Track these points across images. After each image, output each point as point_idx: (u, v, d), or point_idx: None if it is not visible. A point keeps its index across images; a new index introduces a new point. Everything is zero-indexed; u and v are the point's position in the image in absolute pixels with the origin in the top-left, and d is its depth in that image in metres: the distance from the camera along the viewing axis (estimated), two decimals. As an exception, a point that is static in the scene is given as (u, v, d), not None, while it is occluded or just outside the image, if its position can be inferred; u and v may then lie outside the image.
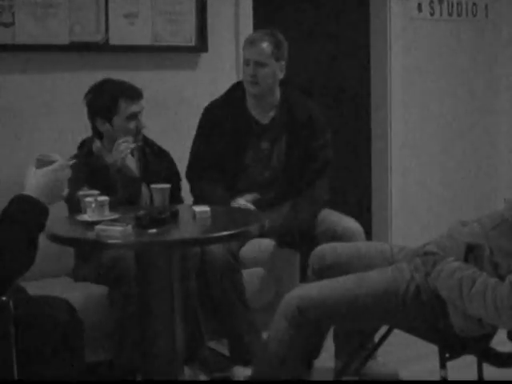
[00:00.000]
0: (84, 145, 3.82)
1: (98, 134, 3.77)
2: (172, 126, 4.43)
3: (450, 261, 2.76)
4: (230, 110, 3.97)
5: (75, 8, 4.22)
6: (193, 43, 4.57)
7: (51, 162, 2.61)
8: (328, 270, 3.10)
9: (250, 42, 3.95)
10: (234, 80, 4.68)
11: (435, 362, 2.95)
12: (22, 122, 4.16)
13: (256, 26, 4.73)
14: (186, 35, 4.55)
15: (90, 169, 3.66)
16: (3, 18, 4.07)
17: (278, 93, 4.03)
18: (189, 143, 4.02)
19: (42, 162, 2.61)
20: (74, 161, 2.77)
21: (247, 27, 4.72)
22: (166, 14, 4.49)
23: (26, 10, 4.11)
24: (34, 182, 2.55)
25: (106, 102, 3.71)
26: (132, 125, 3.70)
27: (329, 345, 3.82)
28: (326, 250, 3.17)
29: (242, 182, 3.94)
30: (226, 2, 4.69)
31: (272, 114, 4.03)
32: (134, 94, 3.71)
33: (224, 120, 3.94)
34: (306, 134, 3.98)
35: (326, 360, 3.88)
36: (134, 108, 3.70)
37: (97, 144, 3.76)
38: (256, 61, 3.90)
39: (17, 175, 2.85)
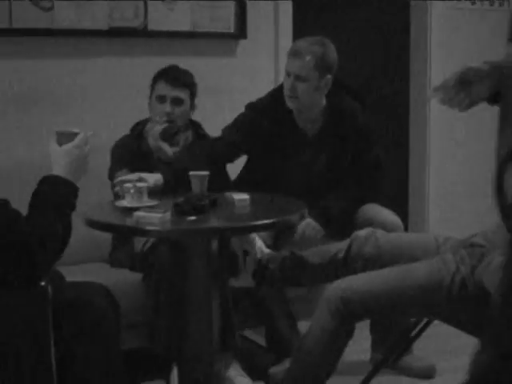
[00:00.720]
0: (136, 127, 3.81)
1: None
2: (209, 113, 4.40)
3: (498, 254, 2.71)
4: (275, 117, 3.74)
5: (114, -7, 4.22)
6: (231, 30, 4.55)
7: (72, 135, 2.58)
8: (368, 261, 3.06)
9: (293, 53, 3.65)
10: (272, 68, 4.66)
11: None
12: (59, 106, 4.16)
13: (295, 13, 4.70)
14: (225, 22, 4.52)
15: (134, 150, 3.68)
16: (42, 3, 4.06)
17: (323, 104, 3.77)
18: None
19: (62, 136, 2.59)
20: (92, 132, 2.70)
21: (286, 14, 4.69)
22: (205, 1, 4.46)
23: (65, -5, 4.11)
24: (60, 161, 2.54)
25: (152, 81, 3.79)
26: (160, 107, 3.70)
27: (364, 337, 3.79)
28: (370, 239, 3.11)
29: (276, 188, 3.78)
30: (265, -11, 4.66)
31: (319, 124, 3.79)
32: (171, 77, 3.73)
33: (267, 126, 3.73)
34: (352, 149, 3.79)
35: (362, 352, 3.86)
36: (164, 91, 3.71)
37: (148, 126, 3.76)
38: (296, 74, 3.63)
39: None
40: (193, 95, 3.79)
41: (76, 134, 2.60)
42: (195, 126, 3.88)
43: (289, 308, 3.68)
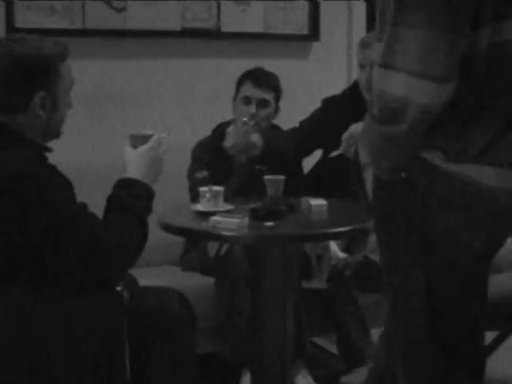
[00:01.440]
0: (218, 128, 3.79)
1: None
2: (282, 115, 4.35)
3: None
4: (351, 111, 3.66)
5: (187, -6, 4.20)
6: (305, 32, 4.50)
7: (145, 137, 2.55)
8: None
9: (364, 45, 3.68)
10: (345, 70, 4.60)
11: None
12: (131, 107, 4.16)
13: (369, 15, 4.63)
14: (298, 23, 4.48)
15: (215, 151, 3.65)
16: (115, 4, 4.06)
17: None
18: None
19: (136, 139, 2.56)
20: (167, 134, 2.66)
21: (360, 16, 4.63)
22: (278, 2, 4.42)
23: (138, -4, 4.10)
24: (134, 164, 2.51)
25: (237, 82, 3.77)
26: (245, 108, 3.66)
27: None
28: None
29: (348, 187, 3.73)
30: (339, -9, 4.59)
31: None
32: (257, 79, 3.70)
33: (341, 121, 3.62)
34: None
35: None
36: (250, 92, 3.68)
37: (230, 128, 3.73)
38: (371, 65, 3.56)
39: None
40: (277, 98, 3.76)
41: (150, 136, 2.57)
42: (277, 130, 3.84)
43: (361, 315, 3.61)
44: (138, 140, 2.56)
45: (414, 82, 1.72)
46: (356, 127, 2.61)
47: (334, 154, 3.02)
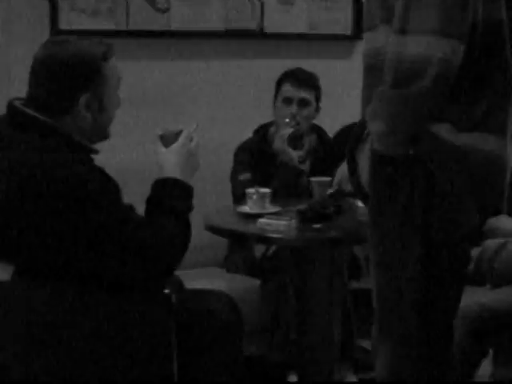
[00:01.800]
0: (260, 129, 3.77)
1: None
2: (326, 115, 4.33)
3: None
4: None
5: (231, -5, 4.20)
6: (348, 32, 4.48)
7: (175, 134, 2.53)
8: (501, 277, 2.91)
9: None
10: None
11: None
12: (174, 107, 4.15)
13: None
14: (342, 23, 4.46)
15: (257, 153, 3.63)
16: (159, 4, 4.06)
17: None
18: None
19: (166, 138, 2.53)
20: (196, 126, 2.64)
21: (404, 16, 4.58)
22: (322, 2, 4.40)
23: (182, -4, 4.10)
24: (169, 163, 2.49)
25: (276, 83, 3.75)
26: (286, 109, 3.64)
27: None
28: (500, 253, 2.96)
29: None
30: (382, -10, 4.55)
31: None
32: (297, 79, 3.68)
33: None
34: None
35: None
36: (290, 92, 3.66)
37: (272, 130, 3.71)
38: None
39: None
40: (318, 97, 3.75)
41: (179, 132, 2.54)
42: (319, 131, 3.82)
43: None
44: (168, 139, 2.53)
45: (435, 40, 1.80)
46: (343, 168, 2.69)
47: (330, 191, 3.09)
